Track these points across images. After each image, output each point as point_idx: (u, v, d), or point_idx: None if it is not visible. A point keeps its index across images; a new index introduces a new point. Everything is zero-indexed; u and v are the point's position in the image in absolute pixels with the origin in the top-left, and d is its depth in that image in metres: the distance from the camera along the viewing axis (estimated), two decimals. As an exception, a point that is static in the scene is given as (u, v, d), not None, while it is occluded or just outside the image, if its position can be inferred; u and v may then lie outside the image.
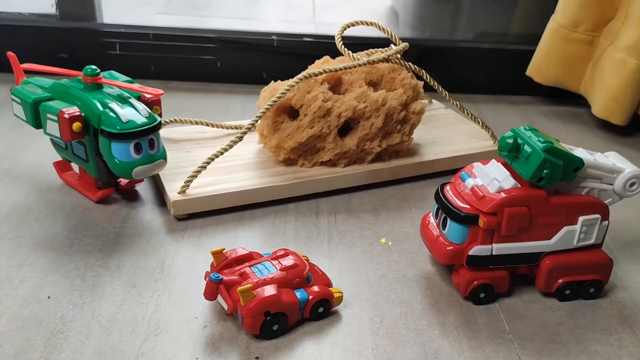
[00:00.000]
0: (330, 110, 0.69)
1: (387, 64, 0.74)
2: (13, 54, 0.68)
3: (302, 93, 0.68)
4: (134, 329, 0.50)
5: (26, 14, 1.04)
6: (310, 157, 0.71)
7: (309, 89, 0.69)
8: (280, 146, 0.69)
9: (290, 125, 0.69)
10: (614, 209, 0.72)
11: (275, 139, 0.69)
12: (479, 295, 0.55)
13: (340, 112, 0.69)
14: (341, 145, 0.70)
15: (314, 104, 0.68)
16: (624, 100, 0.87)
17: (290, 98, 0.69)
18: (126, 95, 0.62)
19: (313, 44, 1.00)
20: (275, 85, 0.72)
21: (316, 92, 0.68)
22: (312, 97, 0.68)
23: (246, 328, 0.48)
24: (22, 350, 0.47)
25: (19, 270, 0.55)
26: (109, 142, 0.59)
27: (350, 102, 0.69)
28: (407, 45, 0.75)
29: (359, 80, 0.72)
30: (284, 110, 0.70)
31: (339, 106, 0.69)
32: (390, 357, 0.49)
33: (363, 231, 0.64)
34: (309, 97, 0.68)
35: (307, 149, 0.70)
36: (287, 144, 0.69)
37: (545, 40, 0.95)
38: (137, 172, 0.60)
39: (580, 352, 0.51)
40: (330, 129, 0.69)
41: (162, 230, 0.63)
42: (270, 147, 0.70)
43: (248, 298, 0.47)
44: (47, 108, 0.60)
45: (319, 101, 0.68)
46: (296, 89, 0.68)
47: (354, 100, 0.70)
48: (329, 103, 0.68)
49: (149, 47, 0.98)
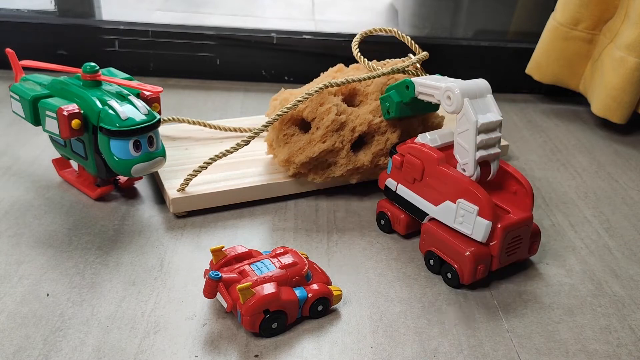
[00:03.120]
0: (344, 123, 0.65)
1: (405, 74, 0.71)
2: (12, 51, 0.68)
3: (314, 105, 0.65)
4: (133, 327, 0.50)
5: (25, 10, 1.03)
6: (322, 171, 0.67)
7: (322, 101, 0.65)
8: (290, 160, 0.66)
9: (301, 139, 0.65)
10: (615, 208, 0.73)
11: (285, 153, 0.66)
12: (380, 221, 0.64)
13: (354, 126, 0.66)
14: (354, 160, 0.66)
15: (327, 117, 0.64)
16: (623, 99, 0.87)
17: (302, 110, 0.65)
18: (125, 93, 0.62)
19: (312, 41, 1.00)
20: (286, 95, 0.69)
21: (330, 105, 0.65)
22: (325, 110, 0.65)
23: (245, 326, 0.48)
24: (21, 348, 0.47)
25: (18, 268, 0.55)
26: (108, 140, 0.59)
27: (365, 116, 0.66)
28: (427, 54, 0.72)
29: (374, 92, 0.68)
30: (294, 122, 0.66)
31: (353, 120, 0.66)
32: (390, 355, 0.49)
33: (362, 229, 0.64)
34: (322, 110, 0.65)
35: (318, 163, 0.66)
36: (297, 158, 0.65)
37: (545, 38, 0.95)
38: (136, 169, 0.60)
39: (579, 350, 0.51)
40: (343, 143, 0.65)
41: (161, 227, 0.63)
42: (279, 161, 0.66)
43: (247, 296, 0.47)
44: (46, 105, 0.60)
45: (333, 114, 0.64)
46: (309, 100, 0.65)
47: (370, 114, 0.66)
48: (343, 116, 0.65)
49: (148, 44, 0.98)
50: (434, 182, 0.57)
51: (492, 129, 0.55)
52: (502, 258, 0.55)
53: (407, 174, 0.59)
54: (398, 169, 0.60)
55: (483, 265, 0.55)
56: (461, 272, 0.55)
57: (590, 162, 0.83)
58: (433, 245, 0.57)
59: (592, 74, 0.93)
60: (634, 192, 0.76)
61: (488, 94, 0.57)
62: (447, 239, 0.56)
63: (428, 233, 0.58)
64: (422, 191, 0.59)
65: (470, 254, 0.54)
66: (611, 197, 0.75)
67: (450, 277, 0.56)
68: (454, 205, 0.55)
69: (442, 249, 0.57)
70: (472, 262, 0.54)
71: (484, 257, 0.55)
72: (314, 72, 1.05)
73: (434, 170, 0.57)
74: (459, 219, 0.55)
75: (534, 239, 0.59)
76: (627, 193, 0.76)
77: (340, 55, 1.01)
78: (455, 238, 0.56)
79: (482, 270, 0.55)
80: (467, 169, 0.55)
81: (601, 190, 0.76)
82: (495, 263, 0.55)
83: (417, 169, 0.58)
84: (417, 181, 0.59)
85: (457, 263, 0.55)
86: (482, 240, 0.54)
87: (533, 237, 0.58)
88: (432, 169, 0.57)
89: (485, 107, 0.56)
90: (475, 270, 0.54)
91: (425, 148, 0.58)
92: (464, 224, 0.55)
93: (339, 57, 1.01)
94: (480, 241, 0.54)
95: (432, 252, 0.58)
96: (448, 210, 0.56)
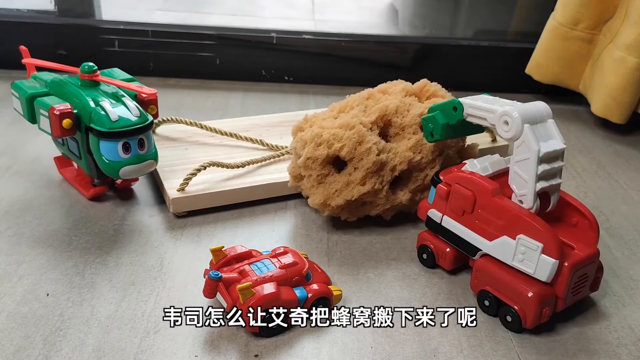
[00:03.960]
0: (384, 163, 0.61)
1: None
2: (25, 48, 0.68)
3: (352, 143, 0.59)
4: (133, 327, 0.50)
5: (25, 10, 1.03)
6: (355, 210, 0.63)
7: (360, 139, 0.59)
8: (327, 204, 0.61)
9: (338, 180, 0.60)
10: (615, 208, 0.72)
11: (320, 195, 0.60)
12: (422, 254, 0.59)
13: (394, 165, 0.61)
14: (392, 200, 0.62)
15: (368, 159, 0.59)
16: (623, 99, 0.87)
17: (339, 149, 0.59)
18: (121, 94, 0.62)
19: (312, 41, 1.00)
20: (317, 130, 0.61)
21: (369, 145, 0.59)
22: (365, 150, 0.59)
23: (245, 326, 0.48)
24: (20, 348, 0.47)
25: (18, 268, 0.55)
26: (98, 141, 0.59)
27: (405, 154, 0.61)
28: None
29: (412, 124, 0.63)
30: (329, 162, 0.61)
31: (392, 158, 0.61)
32: (390, 355, 0.49)
33: (362, 229, 0.64)
34: (361, 150, 0.59)
35: (353, 202, 0.61)
36: (334, 201, 0.60)
37: (545, 38, 0.95)
38: (125, 171, 0.59)
39: (579, 350, 0.51)
40: (382, 184, 0.61)
41: (161, 227, 0.62)
42: (314, 204, 0.61)
43: (247, 296, 0.47)
44: (41, 104, 0.60)
45: (373, 155, 0.59)
46: (346, 137, 0.59)
47: (409, 151, 0.62)
48: (383, 156, 0.60)
49: (147, 44, 0.98)
50: (487, 215, 0.51)
51: (554, 158, 0.50)
52: (568, 298, 0.50)
53: (455, 205, 0.54)
54: (443, 200, 0.55)
55: (548, 308, 0.49)
56: (523, 314, 0.50)
57: (590, 162, 0.83)
58: (488, 284, 0.52)
59: (592, 74, 0.93)
60: (634, 192, 0.76)
61: (549, 118, 0.52)
62: (505, 277, 0.51)
63: (482, 271, 0.52)
64: (473, 225, 0.53)
65: (534, 295, 0.49)
66: (611, 197, 0.75)
67: (511, 320, 0.51)
68: (512, 242, 0.50)
69: (500, 288, 0.51)
70: (537, 304, 0.49)
71: (548, 299, 0.49)
72: (314, 72, 1.05)
73: (488, 203, 0.51)
74: (519, 257, 0.49)
75: (598, 274, 0.53)
76: (627, 193, 0.76)
77: (340, 55, 1.01)
78: (515, 277, 0.50)
79: (547, 314, 0.49)
80: (525, 201, 0.50)
81: (601, 190, 0.76)
82: (560, 304, 0.50)
83: (468, 200, 0.52)
84: (467, 213, 0.53)
85: (518, 305, 0.50)
86: (547, 280, 0.48)
87: (597, 272, 0.53)
88: (486, 201, 0.51)
89: (546, 133, 0.51)
90: (541, 313, 0.49)
91: (476, 177, 0.52)
92: (524, 262, 0.49)
93: (339, 57, 1.02)
94: (544, 281, 0.49)
95: (487, 292, 0.52)
96: (505, 247, 0.50)
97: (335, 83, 1.03)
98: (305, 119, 0.65)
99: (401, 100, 0.64)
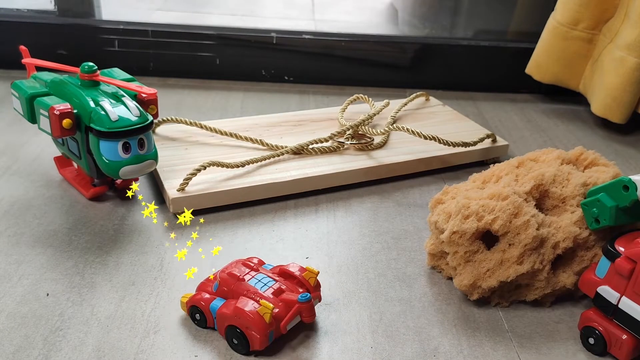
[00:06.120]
0: (544, 239, 0.53)
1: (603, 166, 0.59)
2: (25, 48, 0.68)
3: (507, 216, 0.52)
4: (133, 327, 0.50)
5: (25, 10, 1.03)
6: (508, 293, 0.55)
7: (516, 211, 0.52)
8: (476, 285, 0.53)
9: (489, 258, 0.53)
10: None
11: (469, 275, 0.53)
12: (588, 339, 0.49)
13: (557, 242, 0.53)
14: (554, 283, 0.54)
15: (526, 234, 0.52)
16: (623, 99, 0.87)
17: (491, 221, 0.52)
18: (121, 94, 0.62)
19: (312, 41, 1.00)
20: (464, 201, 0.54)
21: (527, 217, 0.52)
22: (522, 224, 0.52)
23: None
24: (20, 348, 0.47)
25: (18, 267, 0.55)
26: (98, 141, 0.59)
27: (569, 229, 0.53)
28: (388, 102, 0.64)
29: (574, 195, 0.55)
30: (478, 236, 0.53)
31: (554, 233, 0.53)
32: (390, 355, 0.49)
33: (362, 229, 0.64)
34: (517, 223, 0.52)
35: (507, 284, 0.54)
36: (485, 283, 0.53)
37: (545, 38, 0.95)
38: (125, 171, 0.59)
39: (579, 350, 0.51)
40: (543, 264, 0.53)
41: (161, 227, 0.62)
42: (461, 286, 0.53)
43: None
44: (40, 104, 0.60)
45: (533, 229, 0.52)
46: (499, 209, 0.52)
47: (574, 225, 0.54)
48: (543, 230, 0.53)
49: (147, 44, 0.98)
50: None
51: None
52: None
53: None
54: (623, 278, 0.46)
55: None
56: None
57: (590, 162, 0.83)
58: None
59: (592, 73, 0.93)
60: (634, 192, 0.76)
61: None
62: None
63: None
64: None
65: None
66: (611, 197, 0.75)
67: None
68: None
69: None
70: None
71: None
72: (314, 72, 1.05)
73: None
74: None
75: None
76: (627, 193, 0.76)
77: (340, 55, 1.01)
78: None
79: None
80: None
81: (601, 190, 0.76)
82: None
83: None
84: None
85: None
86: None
87: None
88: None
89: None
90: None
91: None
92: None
93: (339, 57, 1.02)
94: None
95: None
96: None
97: (335, 83, 1.03)
98: (444, 191, 0.59)
99: (558, 169, 0.57)
